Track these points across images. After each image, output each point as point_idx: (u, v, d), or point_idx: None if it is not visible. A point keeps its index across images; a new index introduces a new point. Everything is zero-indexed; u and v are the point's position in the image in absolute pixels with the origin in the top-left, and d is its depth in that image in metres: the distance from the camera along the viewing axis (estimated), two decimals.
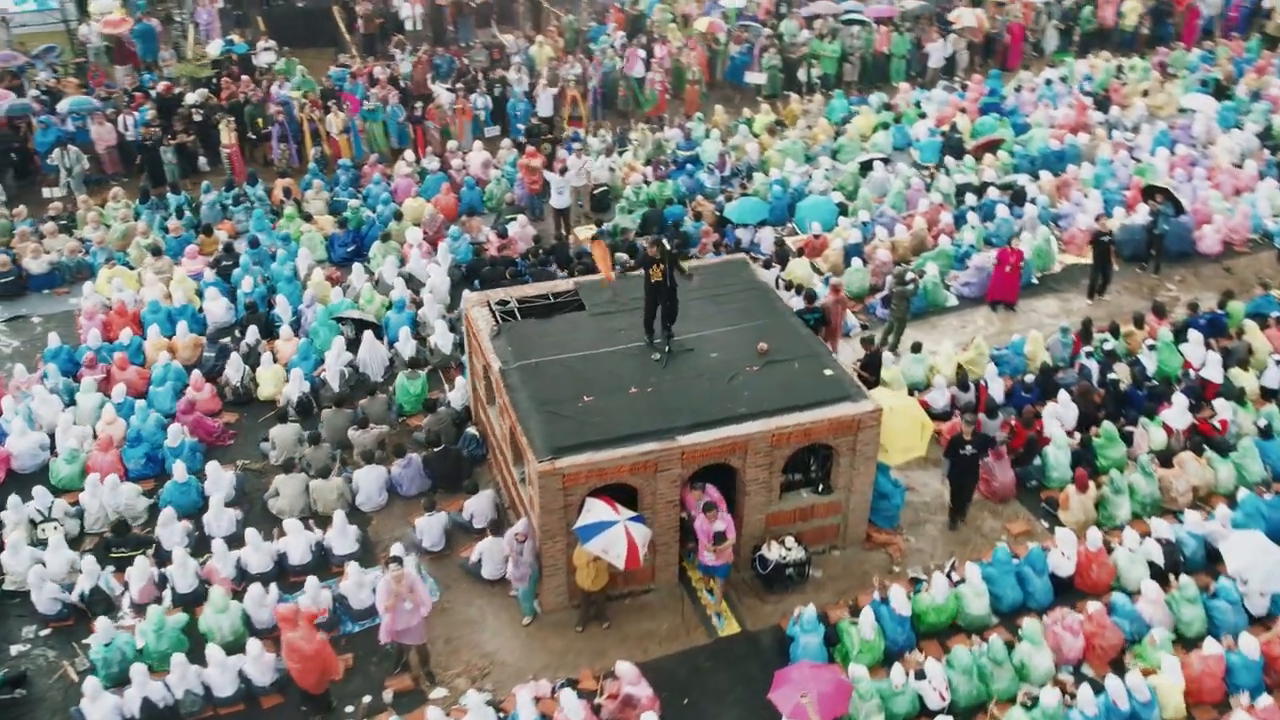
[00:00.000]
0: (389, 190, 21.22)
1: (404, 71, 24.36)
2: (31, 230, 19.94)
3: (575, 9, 29.12)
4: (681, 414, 12.49)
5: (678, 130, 23.54)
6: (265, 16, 28.56)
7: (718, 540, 12.11)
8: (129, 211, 20.46)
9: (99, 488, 14.08)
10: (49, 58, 25.63)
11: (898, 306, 17.11)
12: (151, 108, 22.61)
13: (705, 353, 13.56)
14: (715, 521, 12.12)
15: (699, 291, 14.67)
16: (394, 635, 11.77)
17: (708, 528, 12.15)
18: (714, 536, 12.09)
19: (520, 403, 12.79)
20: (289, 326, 17.12)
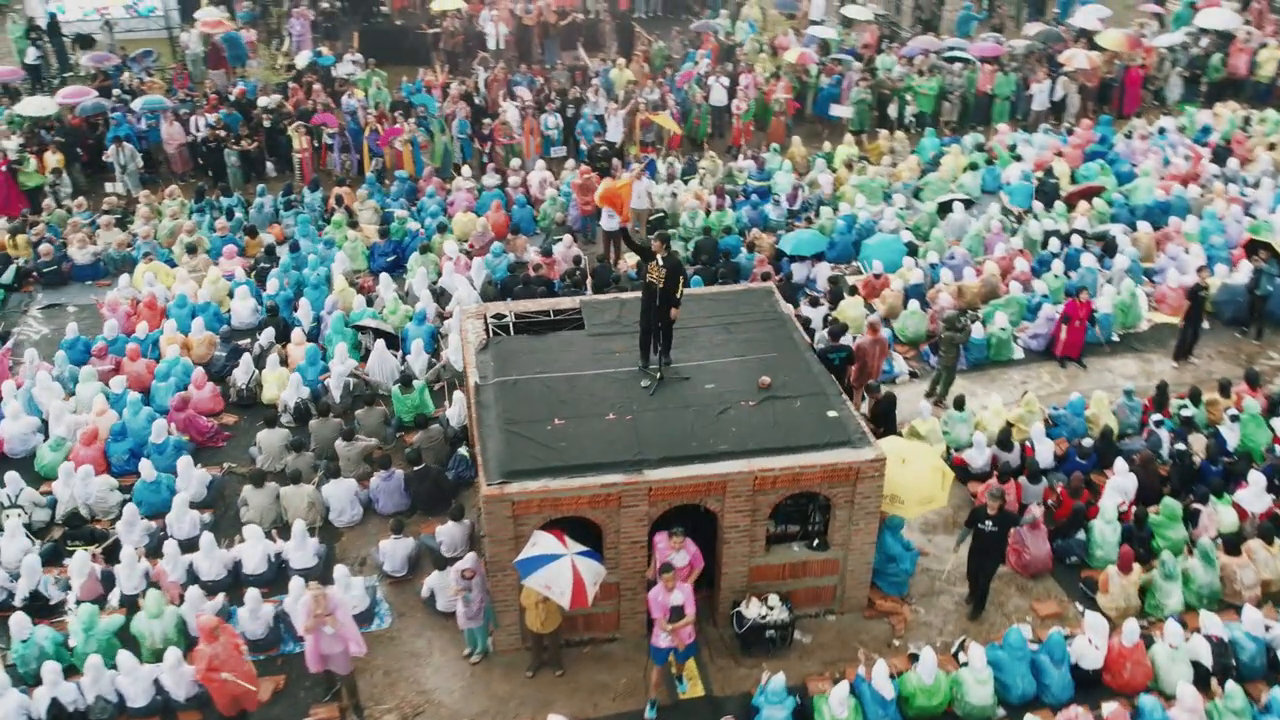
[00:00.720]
0: (443, 204, 20.67)
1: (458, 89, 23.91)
2: (87, 222, 20.03)
3: (667, 36, 28.33)
4: (656, 446, 11.28)
5: (751, 161, 22.40)
6: (362, 33, 28.66)
7: (674, 617, 10.51)
8: (182, 209, 20.41)
9: (72, 477, 13.65)
10: (145, 62, 26.15)
11: (946, 354, 15.51)
12: (218, 111, 22.64)
13: (701, 383, 12.33)
14: (673, 591, 10.55)
15: (712, 319, 13.54)
16: (320, 662, 10.83)
17: (663, 598, 10.55)
18: (670, 611, 10.51)
19: (485, 420, 11.79)
20: (303, 332, 16.55)
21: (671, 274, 12.05)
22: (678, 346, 12.87)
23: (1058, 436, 14.71)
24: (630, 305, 13.48)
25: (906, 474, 11.93)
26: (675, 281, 12.08)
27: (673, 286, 12.07)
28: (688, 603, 10.57)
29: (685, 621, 10.53)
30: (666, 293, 12.10)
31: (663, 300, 12.11)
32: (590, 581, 10.56)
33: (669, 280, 12.05)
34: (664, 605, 10.52)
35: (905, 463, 11.99)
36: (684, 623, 10.53)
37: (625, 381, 12.35)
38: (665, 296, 12.10)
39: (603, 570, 10.88)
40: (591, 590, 10.57)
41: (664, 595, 10.53)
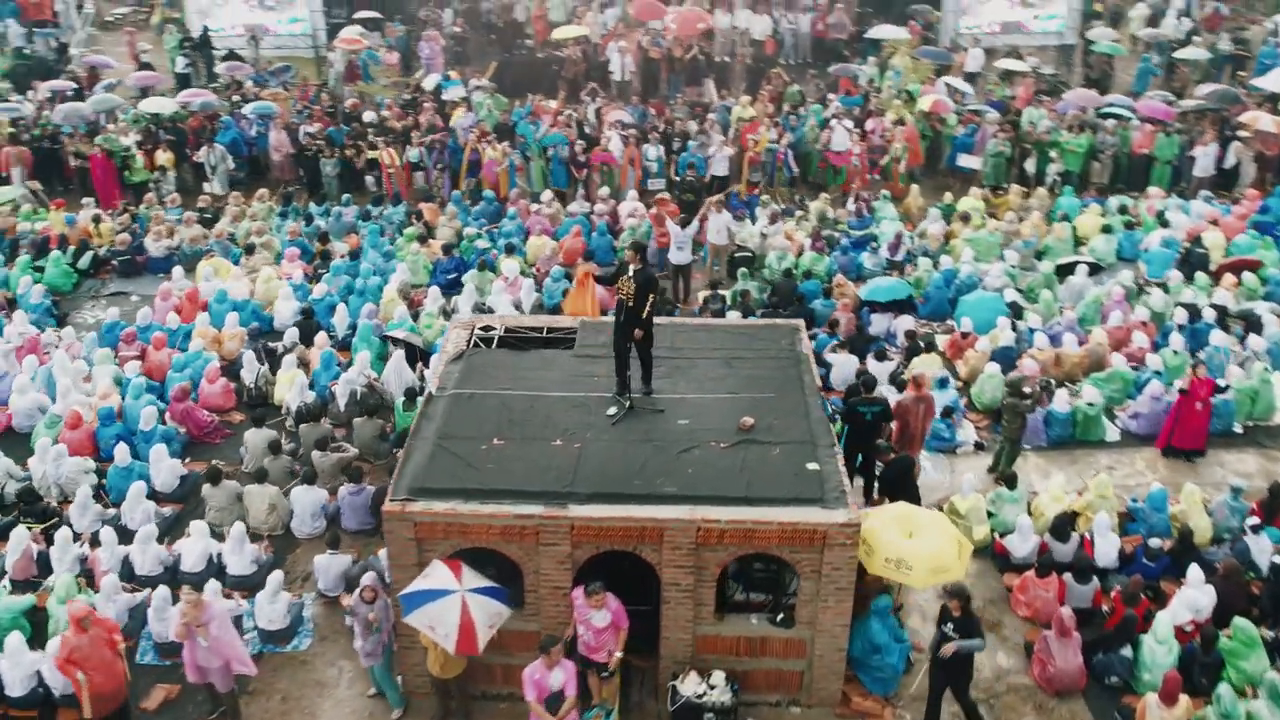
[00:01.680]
0: (522, 227, 19.85)
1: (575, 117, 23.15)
2: (175, 219, 20.21)
3: (802, 79, 26.88)
4: (593, 480, 9.79)
5: (858, 207, 20.63)
6: (502, 63, 28.54)
7: (550, 706, 8.93)
8: (266, 211, 20.36)
9: (46, 455, 13.26)
10: (283, 76, 26.72)
11: (1009, 424, 13.30)
12: (323, 122, 22.69)
13: (676, 417, 10.77)
14: (553, 669, 8.96)
15: (718, 350, 12.00)
16: (196, 673, 9.80)
17: (539, 676, 8.96)
18: (548, 695, 8.93)
19: (421, 431, 10.60)
20: (328, 336, 15.92)
21: (640, 290, 10.62)
22: (668, 375, 11.44)
23: (1134, 533, 12.31)
24: (663, 330, 12.13)
25: (924, 542, 10.01)
26: (643, 299, 10.64)
27: (640, 305, 10.64)
28: (569, 683, 9.00)
29: (566, 708, 8.97)
30: (635, 311, 10.68)
31: (630, 318, 10.70)
32: (484, 624, 9.13)
33: (637, 297, 10.63)
34: (541, 686, 8.97)
35: (912, 536, 10.04)
36: (564, 710, 8.96)
37: (593, 407, 10.93)
38: (633, 315, 10.68)
39: (503, 612, 9.41)
40: (484, 634, 9.13)
41: (542, 673, 8.98)
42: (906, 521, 10.26)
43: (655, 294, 10.87)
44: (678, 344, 12.17)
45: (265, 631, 11.11)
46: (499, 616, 9.34)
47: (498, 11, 29.68)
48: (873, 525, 9.98)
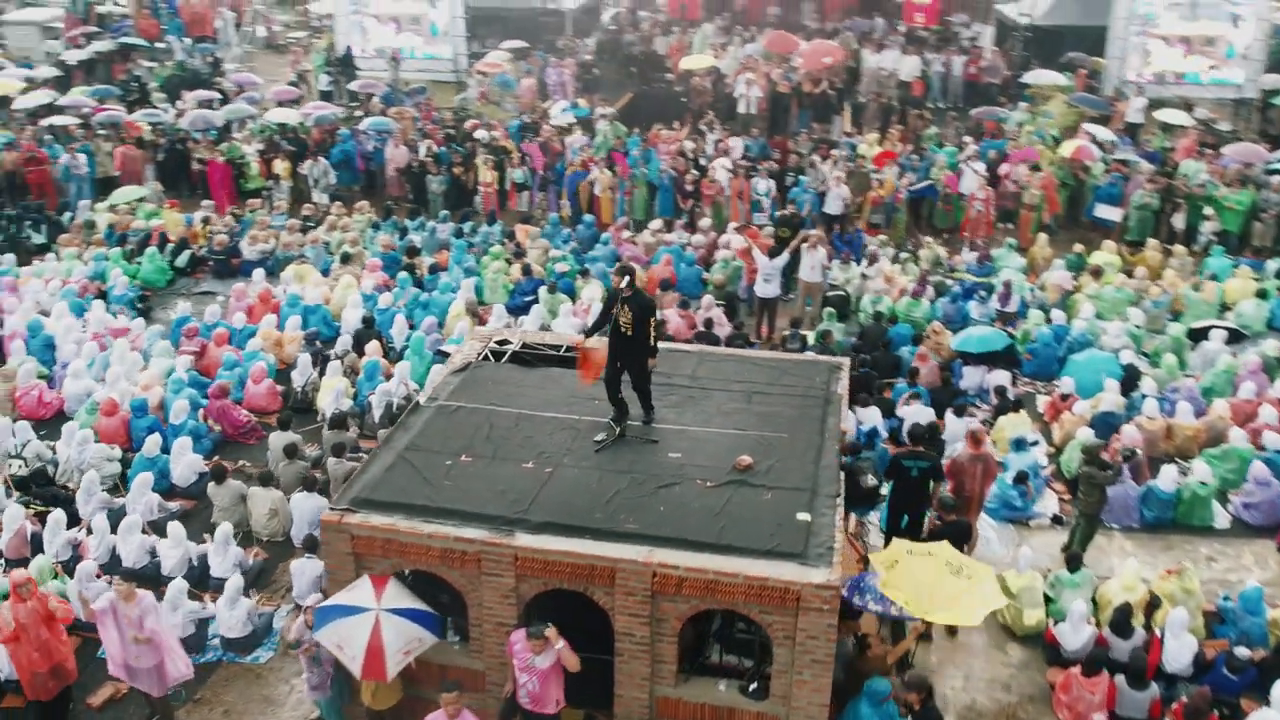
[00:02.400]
0: (615, 253, 19.12)
1: (686, 147, 22.31)
2: (280, 225, 20.43)
3: (943, 122, 25.31)
4: (551, 508, 8.81)
5: (976, 254, 19.02)
6: (638, 94, 28.10)
7: None
8: (364, 223, 20.34)
9: (72, 439, 13.22)
10: (416, 97, 27.01)
11: (1085, 496, 11.56)
12: (436, 140, 22.65)
13: (668, 449, 9.69)
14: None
15: (739, 383, 10.87)
16: (122, 671, 9.26)
17: None
18: None
19: (391, 442, 9.87)
20: (380, 345, 15.49)
21: (639, 317, 9.65)
22: (679, 405, 10.40)
23: (1221, 637, 10.43)
24: (687, 358, 11.24)
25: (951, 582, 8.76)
26: (644, 326, 9.66)
27: (642, 332, 9.66)
28: None
29: None
30: (636, 341, 9.69)
31: (628, 348, 9.71)
32: (396, 649, 8.25)
33: (636, 325, 9.65)
34: None
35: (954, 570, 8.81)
36: None
37: (582, 432, 9.96)
38: (633, 345, 9.70)
39: (424, 639, 8.49)
40: (395, 661, 8.25)
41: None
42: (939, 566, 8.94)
43: (655, 319, 9.85)
44: (699, 373, 11.09)
45: (225, 639, 10.56)
46: (418, 643, 8.44)
47: (639, 43, 29.30)
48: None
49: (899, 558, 9.29)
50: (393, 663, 8.24)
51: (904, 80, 27.44)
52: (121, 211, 20.99)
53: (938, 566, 9.09)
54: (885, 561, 9.20)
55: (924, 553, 9.34)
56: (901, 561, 9.21)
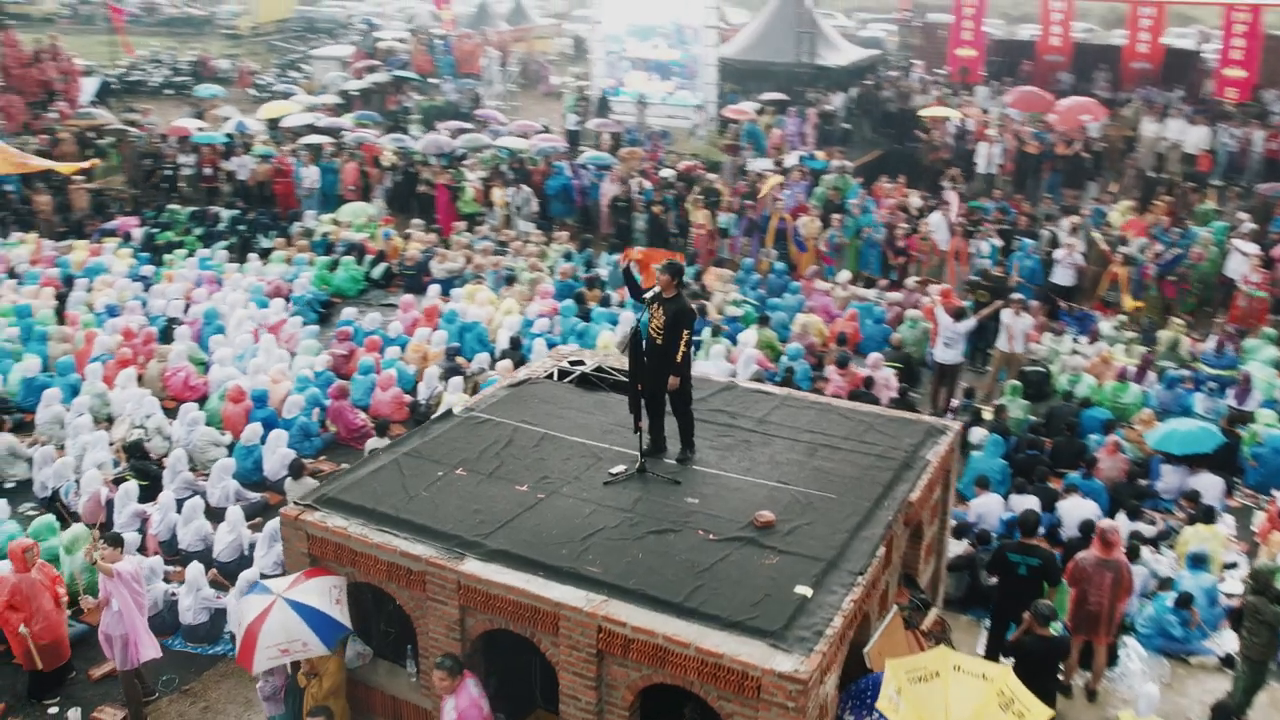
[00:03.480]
0: (802, 303, 17.72)
1: (912, 202, 20.49)
2: (479, 248, 20.53)
3: (1223, 199, 21.93)
4: (518, 537, 7.65)
5: (1220, 339, 16.06)
6: (889, 153, 26.52)
7: None
8: (562, 252, 20.05)
9: (185, 419, 13.42)
10: (658, 141, 26.73)
11: (1252, 636, 8.94)
12: (653, 179, 22.10)
13: (687, 493, 8.29)
14: None
15: (808, 432, 9.32)
16: (103, 640, 8.92)
17: None
18: None
19: (400, 444, 9.08)
20: (511, 366, 14.87)
21: (672, 324, 8.36)
22: (731, 448, 9.05)
23: None
24: (765, 400, 9.88)
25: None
26: (675, 335, 8.37)
27: (672, 341, 8.37)
28: None
29: None
30: (664, 354, 8.41)
31: (655, 360, 8.45)
32: (271, 643, 7.42)
33: (668, 332, 8.37)
34: None
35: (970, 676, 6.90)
36: None
37: (603, 461, 8.74)
38: (661, 357, 8.42)
39: (310, 643, 7.50)
40: (265, 655, 7.46)
41: None
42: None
43: (690, 330, 8.52)
44: (772, 418, 9.59)
45: (186, 627, 10.09)
46: (301, 646, 7.49)
47: (896, 100, 27.70)
48: None
49: (941, 670, 7.34)
50: (262, 655, 7.42)
51: (1189, 153, 24.20)
52: (343, 225, 21.86)
53: (984, 694, 7.01)
54: (917, 672, 7.28)
55: (977, 673, 7.28)
56: (941, 678, 7.26)
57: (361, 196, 23.52)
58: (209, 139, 25.06)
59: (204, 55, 40.13)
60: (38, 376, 14.62)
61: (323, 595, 7.70)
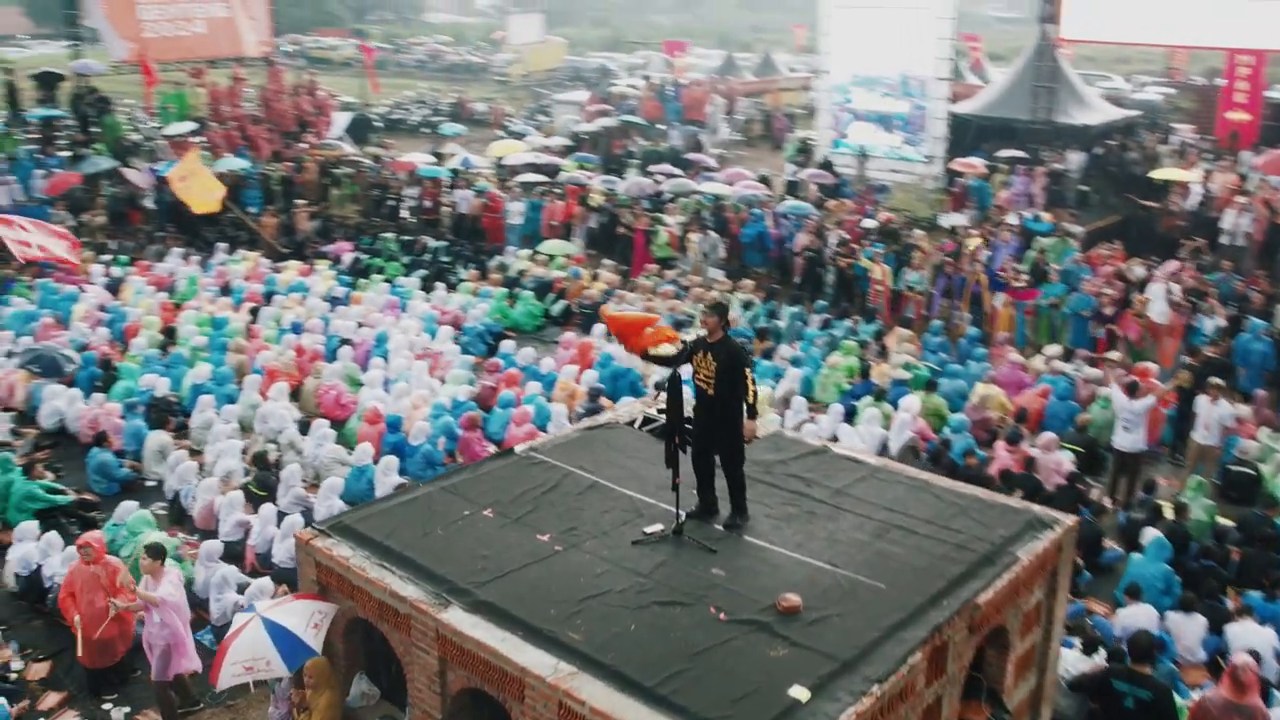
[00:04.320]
0: (985, 371, 16.22)
1: (1138, 273, 18.37)
2: (658, 291, 20.17)
3: None
4: (512, 590, 7.03)
5: None
6: (1128, 219, 24.19)
7: None
8: (746, 301, 19.36)
9: (315, 435, 13.63)
10: (871, 194, 25.59)
11: None
12: (851, 232, 21.03)
13: (718, 564, 7.40)
14: None
15: (885, 512, 8.20)
16: (147, 648, 8.96)
17: None
18: None
19: (444, 478, 8.68)
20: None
21: (727, 368, 7.56)
22: (791, 519, 8.14)
23: None
24: (853, 468, 8.90)
25: None
26: (733, 379, 7.55)
27: (729, 387, 7.55)
28: None
29: None
30: (721, 404, 7.59)
31: (712, 415, 7.64)
32: (238, 660, 7.28)
33: (721, 380, 7.56)
34: None
35: None
36: None
37: (644, 518, 8.01)
38: (718, 410, 7.61)
39: (273, 664, 7.22)
40: (230, 672, 7.28)
41: None
42: None
43: (750, 371, 7.66)
44: (852, 490, 8.51)
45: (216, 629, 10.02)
46: (265, 665, 7.20)
47: (1143, 164, 25.25)
48: None
49: None
50: (228, 671, 7.21)
51: None
52: (538, 261, 22.08)
53: None
54: None
55: None
56: None
57: (565, 235, 23.71)
58: (432, 173, 26.05)
59: (464, 98, 42.27)
60: (206, 384, 15.31)
61: (300, 618, 7.38)
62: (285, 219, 24.07)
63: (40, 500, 12.08)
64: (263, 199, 24.92)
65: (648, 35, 67.75)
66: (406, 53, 60.87)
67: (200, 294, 19.58)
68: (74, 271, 14.90)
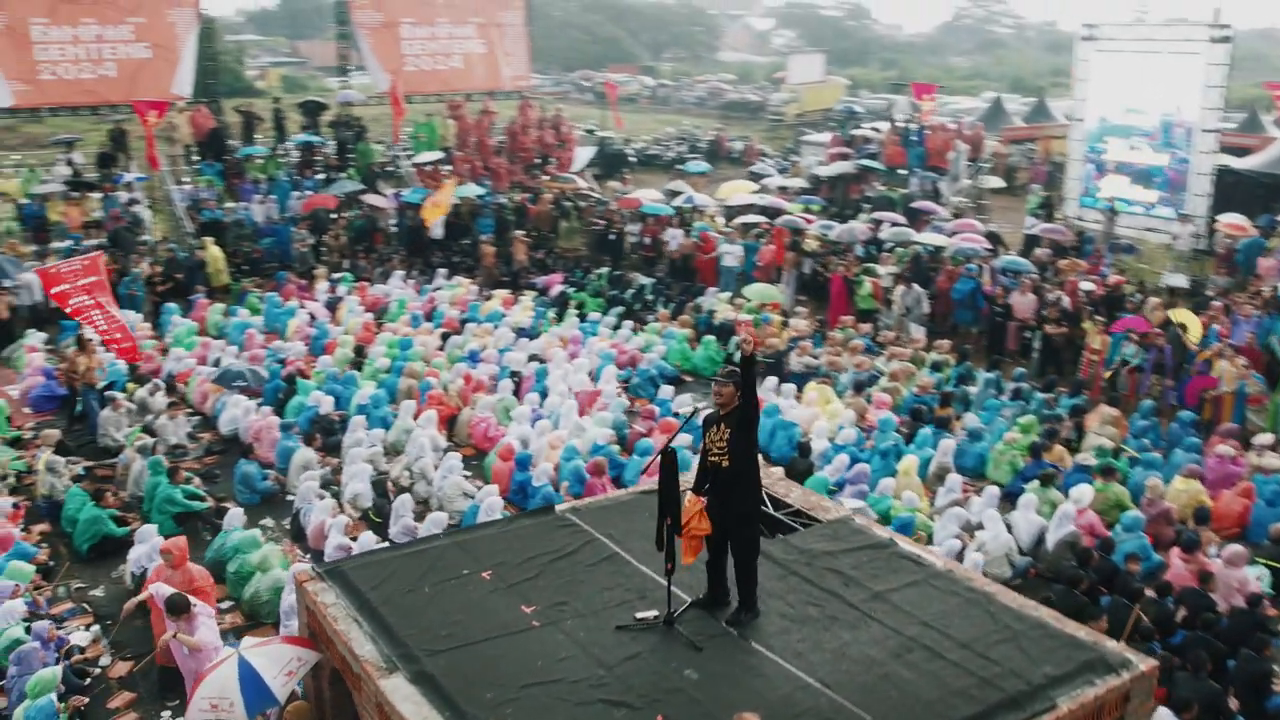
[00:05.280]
0: (1194, 461, 14.21)
1: None
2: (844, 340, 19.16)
3: None
4: (464, 663, 6.60)
5: None
6: None
7: None
8: (944, 363, 18.04)
9: (444, 465, 13.70)
10: (1119, 254, 23.33)
11: None
12: (1071, 295, 19.15)
13: (696, 664, 6.66)
14: None
15: (919, 620, 7.16)
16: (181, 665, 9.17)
17: None
18: None
19: (465, 532, 8.38)
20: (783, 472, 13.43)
21: (737, 439, 6.88)
22: (809, 621, 7.35)
23: None
24: (913, 569, 7.94)
25: None
26: (744, 454, 6.83)
27: (743, 455, 6.86)
28: None
29: None
30: (735, 478, 6.90)
31: (728, 490, 6.94)
32: (205, 693, 7.29)
33: (736, 449, 6.87)
34: None
35: None
36: None
37: (648, 601, 7.34)
38: (734, 485, 6.91)
39: (234, 706, 7.06)
40: (199, 708, 7.24)
41: None
42: None
43: (752, 438, 6.89)
44: (897, 595, 7.47)
45: None
46: (229, 707, 7.08)
47: None
48: None
49: None
50: (195, 707, 7.15)
51: None
52: (737, 305, 21.55)
53: None
54: None
55: None
56: None
57: (777, 280, 23.05)
58: (656, 210, 26.06)
59: (721, 135, 42.34)
60: (366, 404, 15.81)
61: (275, 663, 7.26)
62: (504, 248, 24.79)
63: (178, 505, 12.78)
64: (495, 227, 25.79)
65: (937, 78, 65.61)
66: (688, 89, 61.82)
67: (404, 316, 20.40)
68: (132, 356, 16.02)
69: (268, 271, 23.49)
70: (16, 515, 12.46)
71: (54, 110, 26.45)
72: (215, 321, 20.33)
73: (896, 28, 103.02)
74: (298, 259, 24.00)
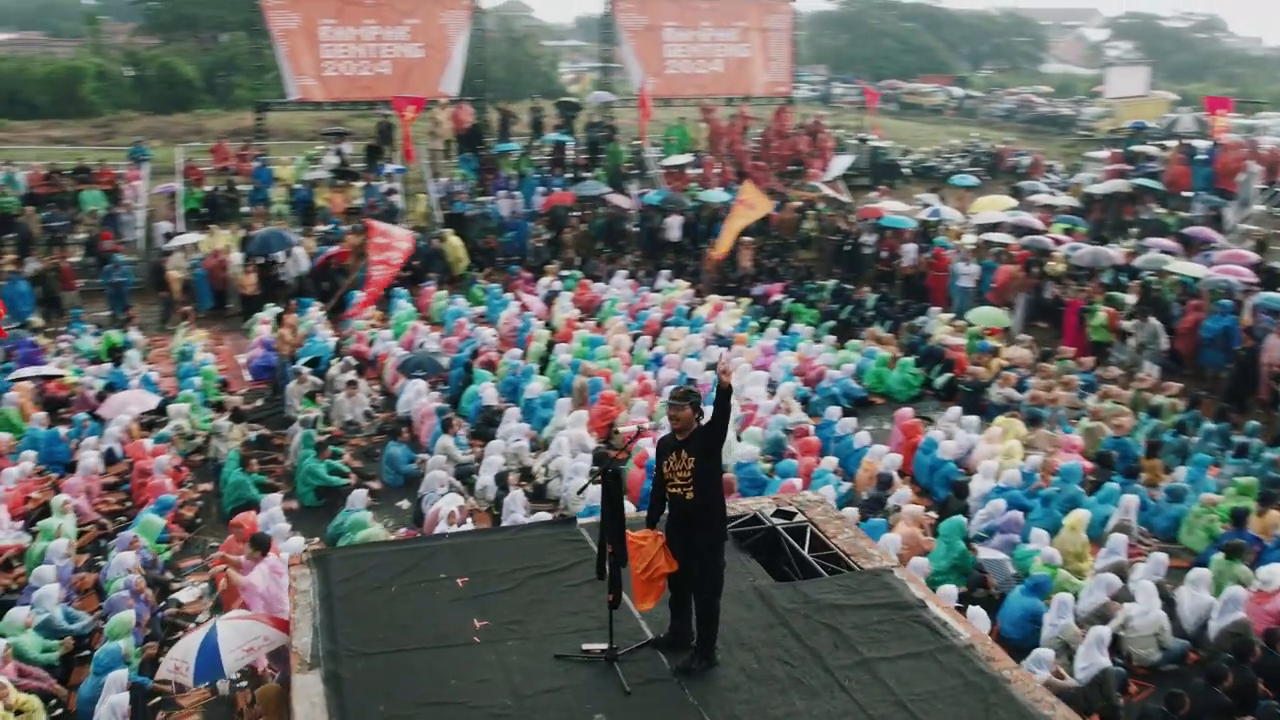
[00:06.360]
0: None
1: None
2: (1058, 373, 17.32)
3: None
4: (382, 676, 6.34)
5: None
6: None
7: None
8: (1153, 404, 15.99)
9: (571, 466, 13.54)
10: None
11: None
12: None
13: (609, 708, 6.07)
14: None
15: (902, 697, 6.23)
16: None
17: None
18: None
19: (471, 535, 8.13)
20: None
21: (701, 467, 6.27)
22: (772, 681, 6.54)
23: None
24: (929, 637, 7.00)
25: None
26: (708, 485, 6.24)
27: (708, 486, 6.25)
28: None
29: None
30: (697, 509, 6.28)
31: (688, 523, 6.33)
32: (173, 654, 7.47)
33: (700, 476, 6.26)
34: None
35: None
36: None
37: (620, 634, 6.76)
38: (695, 516, 6.29)
39: (187, 670, 7.20)
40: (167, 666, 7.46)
41: None
42: None
43: (717, 465, 6.20)
44: (887, 667, 6.47)
45: None
46: (184, 670, 7.19)
47: None
48: None
49: None
50: (164, 665, 7.39)
51: None
52: (958, 329, 20.07)
53: None
54: None
55: None
56: None
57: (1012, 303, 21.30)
58: (895, 223, 24.77)
59: (1003, 149, 39.79)
60: (534, 400, 15.93)
61: (241, 637, 7.34)
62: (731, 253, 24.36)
63: (320, 479, 13.37)
64: None
65: None
66: (997, 101, 58.60)
67: (613, 317, 20.44)
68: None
69: (502, 264, 24.30)
70: (179, 475, 13.50)
71: (336, 105, 28.49)
72: (439, 308, 21.25)
73: (1255, 41, 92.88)
74: (532, 253, 24.68)
